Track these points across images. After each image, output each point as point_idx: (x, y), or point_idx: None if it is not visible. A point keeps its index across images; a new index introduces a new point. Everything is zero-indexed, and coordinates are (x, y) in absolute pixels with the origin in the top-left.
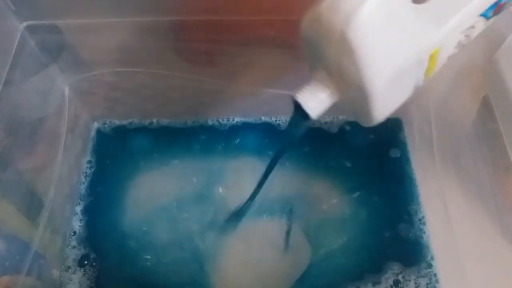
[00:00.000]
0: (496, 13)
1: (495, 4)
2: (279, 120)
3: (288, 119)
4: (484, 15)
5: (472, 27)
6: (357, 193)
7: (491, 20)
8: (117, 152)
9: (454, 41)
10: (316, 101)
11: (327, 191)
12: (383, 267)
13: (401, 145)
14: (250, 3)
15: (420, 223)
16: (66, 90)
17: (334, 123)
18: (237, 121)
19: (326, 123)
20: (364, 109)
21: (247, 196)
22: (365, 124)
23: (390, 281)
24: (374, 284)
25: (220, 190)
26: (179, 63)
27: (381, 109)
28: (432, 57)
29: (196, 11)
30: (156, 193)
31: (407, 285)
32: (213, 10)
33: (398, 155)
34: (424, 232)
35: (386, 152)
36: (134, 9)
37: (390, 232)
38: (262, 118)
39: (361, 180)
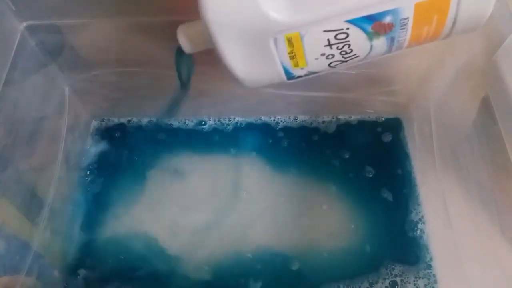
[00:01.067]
0: (379, 32)
1: (371, 19)
2: (279, 120)
3: (288, 118)
4: (356, 24)
5: (343, 32)
6: (357, 193)
7: (382, 43)
8: (117, 152)
9: (321, 37)
10: (191, 42)
11: (326, 191)
12: (381, 268)
13: (401, 145)
14: None
15: (420, 223)
16: (66, 90)
17: (332, 122)
18: (237, 121)
19: (324, 122)
20: (222, 62)
21: (247, 195)
22: (237, 84)
23: (388, 282)
24: (372, 284)
25: (221, 190)
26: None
27: (240, 69)
28: (290, 41)
29: (196, 11)
30: (156, 192)
31: (406, 286)
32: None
33: (398, 155)
34: (424, 232)
35: (386, 152)
36: (134, 9)
37: (389, 232)
38: (262, 118)
39: (360, 180)
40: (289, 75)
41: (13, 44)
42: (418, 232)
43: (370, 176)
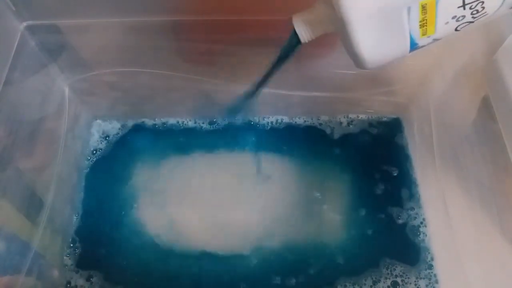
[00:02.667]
0: None
1: None
2: (279, 120)
3: (288, 118)
4: None
5: None
6: (357, 194)
7: None
8: (117, 152)
9: None
10: (308, 27)
11: (326, 192)
12: (382, 268)
13: (401, 145)
14: (250, 4)
15: (420, 224)
16: (66, 90)
17: (332, 122)
18: (237, 121)
19: (323, 122)
20: (351, 46)
21: (247, 195)
22: (359, 66)
23: (390, 282)
24: (373, 284)
25: (221, 189)
26: (179, 63)
27: (368, 49)
28: (425, 8)
29: (196, 11)
30: (156, 193)
31: (407, 286)
32: (213, 10)
33: (398, 155)
34: (424, 233)
35: (386, 152)
36: (134, 9)
37: (390, 232)
38: (262, 118)
39: (361, 181)
40: (413, 46)
41: (13, 44)
42: (419, 232)
43: (370, 176)
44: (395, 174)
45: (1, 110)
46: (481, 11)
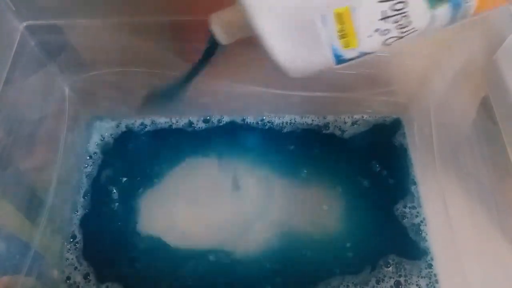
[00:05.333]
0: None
1: None
2: (279, 120)
3: (288, 118)
4: None
5: (401, 1)
6: (357, 194)
7: (445, 11)
8: (117, 152)
9: (375, 10)
10: (226, 30)
11: (326, 192)
12: (382, 267)
13: (401, 145)
14: None
15: (420, 224)
16: (66, 90)
17: (332, 122)
18: (237, 121)
19: (323, 122)
20: (266, 53)
21: (247, 197)
22: (285, 73)
23: (390, 282)
24: (373, 284)
25: (219, 190)
26: (179, 63)
27: (285, 57)
28: (341, 17)
29: (196, 11)
30: (157, 192)
31: (407, 286)
32: (213, 10)
33: (398, 155)
34: (424, 232)
35: (386, 152)
36: (134, 9)
37: (390, 232)
38: (262, 118)
39: (360, 181)
40: (338, 58)
41: (13, 44)
42: (419, 231)
43: (370, 176)
44: (395, 174)
45: (1, 110)
46: (408, 26)
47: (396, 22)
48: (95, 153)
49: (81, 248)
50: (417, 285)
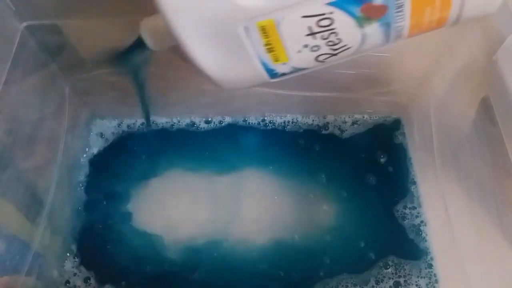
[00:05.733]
0: (370, 16)
1: (359, 0)
2: (279, 120)
3: (288, 118)
4: (341, 7)
5: (326, 18)
6: (357, 194)
7: (377, 31)
8: (117, 151)
9: (300, 25)
10: (156, 38)
11: (326, 192)
12: (382, 267)
13: (401, 145)
14: None
15: (420, 224)
16: (66, 90)
17: (332, 123)
18: (236, 122)
19: (323, 122)
20: (192, 62)
21: (246, 197)
22: (217, 86)
23: (390, 282)
24: (373, 284)
25: (220, 191)
26: (178, 63)
27: (212, 68)
28: (265, 30)
29: None
30: (156, 192)
31: (407, 286)
32: None
33: (398, 155)
34: (424, 233)
35: (386, 153)
36: (134, 9)
37: (390, 232)
38: (262, 118)
39: (360, 181)
40: (270, 73)
41: (13, 44)
42: (419, 231)
43: (370, 176)
44: (395, 174)
45: (1, 110)
46: (339, 43)
47: (325, 38)
48: (95, 153)
49: (81, 248)
50: (416, 285)
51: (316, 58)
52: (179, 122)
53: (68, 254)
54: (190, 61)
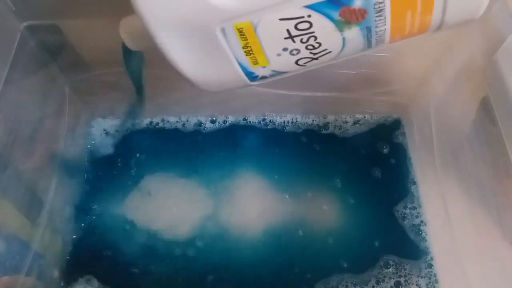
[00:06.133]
0: (349, 20)
1: (337, 3)
2: (278, 120)
3: (288, 118)
4: (319, 10)
5: (305, 21)
6: (357, 194)
7: (357, 35)
8: (117, 151)
9: (278, 28)
10: (134, 38)
11: (325, 192)
12: (382, 267)
13: (401, 145)
14: None
15: (420, 224)
16: (66, 90)
17: (332, 123)
18: (237, 121)
19: (323, 122)
20: (172, 64)
21: (246, 197)
22: (198, 87)
23: (391, 282)
24: (373, 284)
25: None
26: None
27: (191, 70)
28: (243, 32)
29: None
30: (155, 192)
31: (407, 286)
32: None
33: (398, 156)
34: (424, 232)
35: (386, 152)
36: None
37: (390, 232)
38: (262, 118)
39: (360, 181)
40: (250, 76)
41: (13, 44)
42: (419, 231)
43: (370, 176)
44: (395, 174)
45: (1, 110)
46: (319, 47)
47: (305, 42)
48: (95, 153)
49: (81, 248)
50: (417, 285)
51: (297, 62)
52: (178, 121)
53: (68, 254)
54: (170, 64)
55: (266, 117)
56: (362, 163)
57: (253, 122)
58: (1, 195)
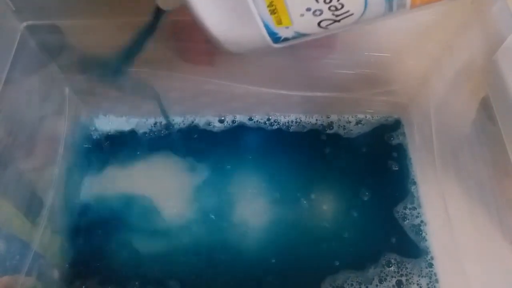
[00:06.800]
0: None
1: None
2: (278, 120)
3: (288, 118)
4: None
5: None
6: (357, 194)
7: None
8: (117, 151)
9: None
10: None
11: (325, 192)
12: (382, 267)
13: (401, 145)
14: None
15: (420, 223)
16: (66, 90)
17: (332, 123)
18: (237, 121)
19: (323, 122)
20: (197, 21)
21: (245, 197)
22: (220, 47)
23: (393, 281)
24: (376, 283)
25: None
26: (179, 63)
27: (216, 28)
28: None
29: None
30: (155, 192)
31: (407, 285)
32: None
33: (398, 156)
34: (424, 232)
35: (386, 152)
36: (134, 9)
37: (390, 232)
38: (262, 118)
39: (360, 181)
40: (273, 36)
41: (13, 44)
42: (419, 231)
43: (370, 176)
44: (395, 174)
45: (1, 110)
46: (341, 9)
47: (327, 3)
48: (95, 153)
49: (80, 248)
50: (417, 284)
51: (319, 24)
52: (178, 122)
53: (68, 254)
54: (196, 21)
55: (270, 117)
56: (361, 163)
57: (259, 121)
58: (1, 195)
